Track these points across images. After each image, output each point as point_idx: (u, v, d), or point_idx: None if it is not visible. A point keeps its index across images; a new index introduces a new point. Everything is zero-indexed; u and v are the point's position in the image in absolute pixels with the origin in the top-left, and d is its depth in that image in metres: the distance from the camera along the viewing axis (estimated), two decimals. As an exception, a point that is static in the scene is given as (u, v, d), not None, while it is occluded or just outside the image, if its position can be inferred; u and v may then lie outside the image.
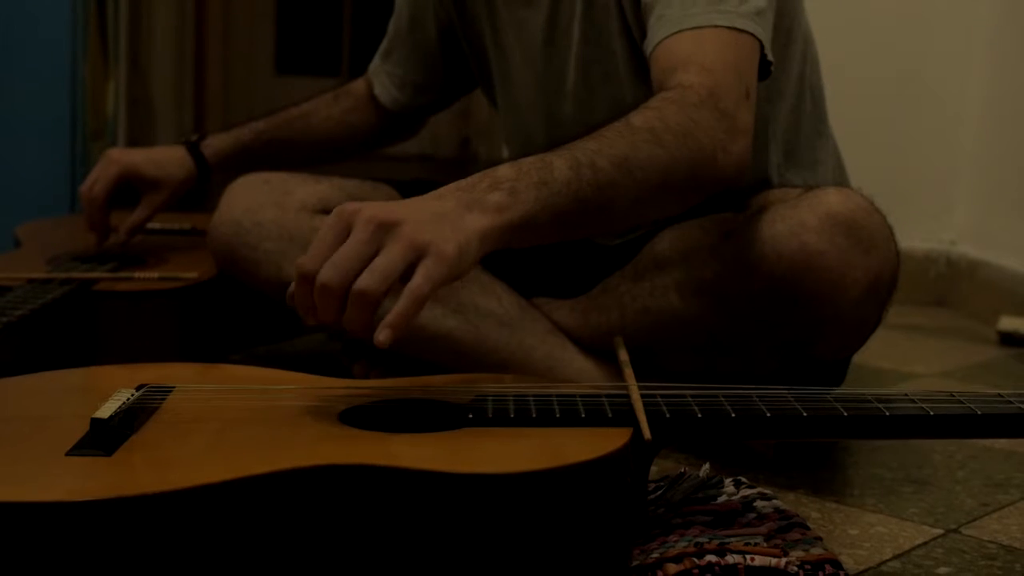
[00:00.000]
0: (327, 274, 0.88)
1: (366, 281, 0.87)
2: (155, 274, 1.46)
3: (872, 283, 1.15)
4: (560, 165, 0.99)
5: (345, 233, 0.90)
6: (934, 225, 2.46)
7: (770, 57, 1.18)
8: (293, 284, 0.92)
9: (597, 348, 1.33)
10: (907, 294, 2.32)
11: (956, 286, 2.43)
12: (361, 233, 0.89)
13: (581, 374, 1.31)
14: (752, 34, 1.15)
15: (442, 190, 0.96)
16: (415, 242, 0.89)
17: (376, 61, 1.61)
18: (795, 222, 1.14)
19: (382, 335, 0.87)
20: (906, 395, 0.95)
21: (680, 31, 1.15)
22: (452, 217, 0.92)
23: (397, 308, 0.88)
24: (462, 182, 0.96)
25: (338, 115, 1.61)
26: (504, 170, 0.98)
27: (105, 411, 0.86)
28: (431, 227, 0.90)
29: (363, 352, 1.48)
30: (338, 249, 0.89)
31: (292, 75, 3.24)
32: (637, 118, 1.06)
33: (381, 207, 0.91)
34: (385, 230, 0.89)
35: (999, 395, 0.94)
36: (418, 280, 0.88)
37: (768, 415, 0.91)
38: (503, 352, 1.34)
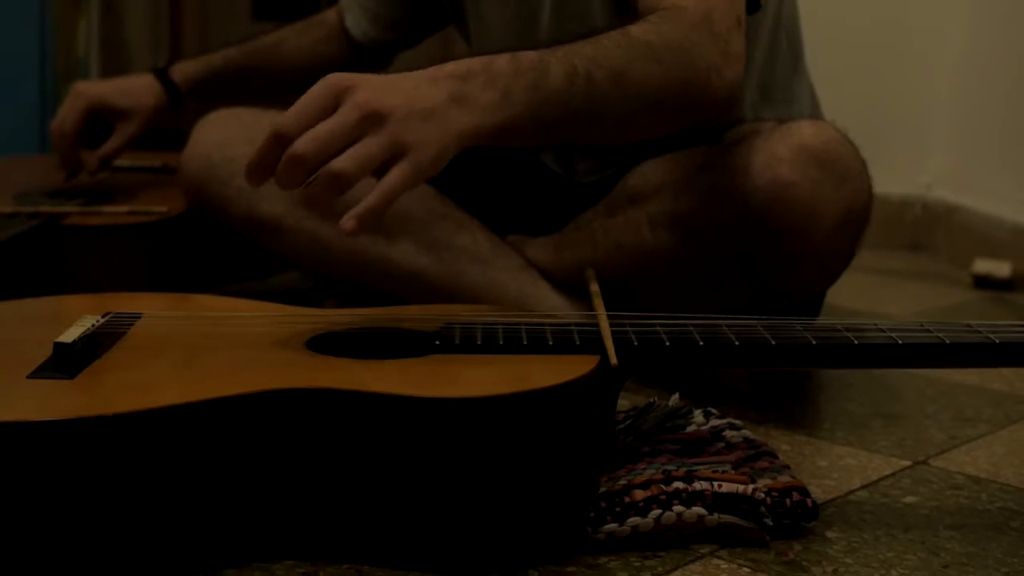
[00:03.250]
0: (306, 145, 0.87)
1: (343, 163, 0.87)
2: (124, 209, 1.44)
3: (845, 215, 1.15)
4: (557, 71, 0.98)
5: (331, 108, 0.89)
6: (911, 170, 2.45)
7: None
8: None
9: (570, 285, 1.32)
10: (883, 238, 2.34)
11: (932, 230, 2.43)
12: (348, 115, 0.89)
13: (554, 310, 1.31)
14: None
15: (437, 71, 0.94)
16: (399, 141, 0.89)
17: None
18: (768, 154, 1.14)
19: (349, 223, 0.87)
20: (876, 324, 0.95)
21: None
22: (440, 113, 0.91)
23: (368, 202, 0.88)
24: (459, 67, 0.95)
25: (308, 45, 1.59)
26: (502, 64, 0.96)
27: (68, 336, 0.86)
28: (417, 126, 0.90)
29: (335, 289, 1.47)
30: (320, 123, 0.88)
31: (269, 20, 3.20)
32: (636, 28, 1.04)
33: (374, 92, 0.90)
34: (372, 120, 0.89)
35: (968, 325, 0.94)
36: (392, 179, 0.88)
37: (737, 343, 0.91)
38: (476, 289, 1.33)
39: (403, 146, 0.89)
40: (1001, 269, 2.02)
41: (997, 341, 0.91)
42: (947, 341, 0.91)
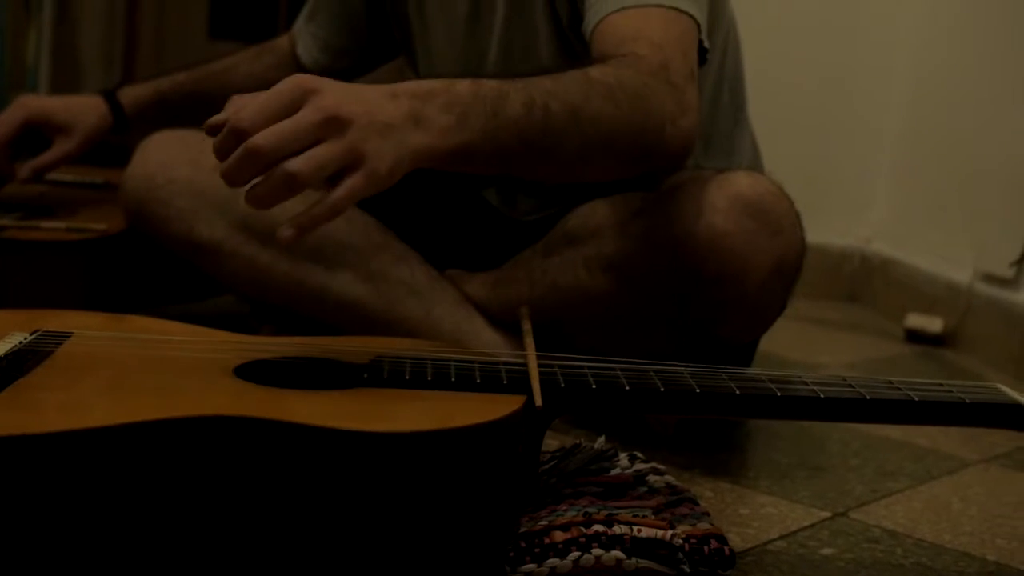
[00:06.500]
0: (265, 138, 0.85)
1: (299, 164, 0.85)
2: (62, 225, 1.43)
3: (777, 266, 1.16)
4: (515, 100, 0.98)
5: (294, 108, 0.88)
6: (851, 222, 2.50)
7: (706, 44, 1.18)
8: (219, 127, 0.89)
9: (506, 321, 1.33)
10: (821, 289, 2.38)
11: (869, 283, 2.47)
12: (310, 116, 0.87)
13: (488, 347, 1.31)
14: (693, 17, 1.16)
15: (399, 88, 0.94)
16: (356, 149, 0.88)
17: (300, 20, 1.60)
18: (704, 203, 1.15)
19: (287, 231, 0.86)
20: (800, 377, 0.96)
21: (625, 8, 1.15)
22: (398, 130, 0.91)
23: (312, 211, 0.87)
24: (421, 86, 0.95)
25: (259, 72, 1.59)
26: (462, 88, 0.96)
27: (-7, 352, 0.85)
28: (376, 139, 0.89)
29: (272, 316, 1.47)
30: (281, 121, 0.87)
31: (225, 40, 3.20)
32: (595, 70, 1.05)
33: (337, 97, 0.89)
34: (333, 125, 0.87)
35: (889, 382, 0.96)
36: (341, 192, 0.87)
37: (662, 390, 0.92)
38: (412, 321, 1.34)
39: (360, 155, 0.88)
40: (933, 324, 2.05)
41: (916, 399, 0.93)
42: (868, 397, 0.93)
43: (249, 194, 0.87)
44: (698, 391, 0.92)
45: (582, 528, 0.89)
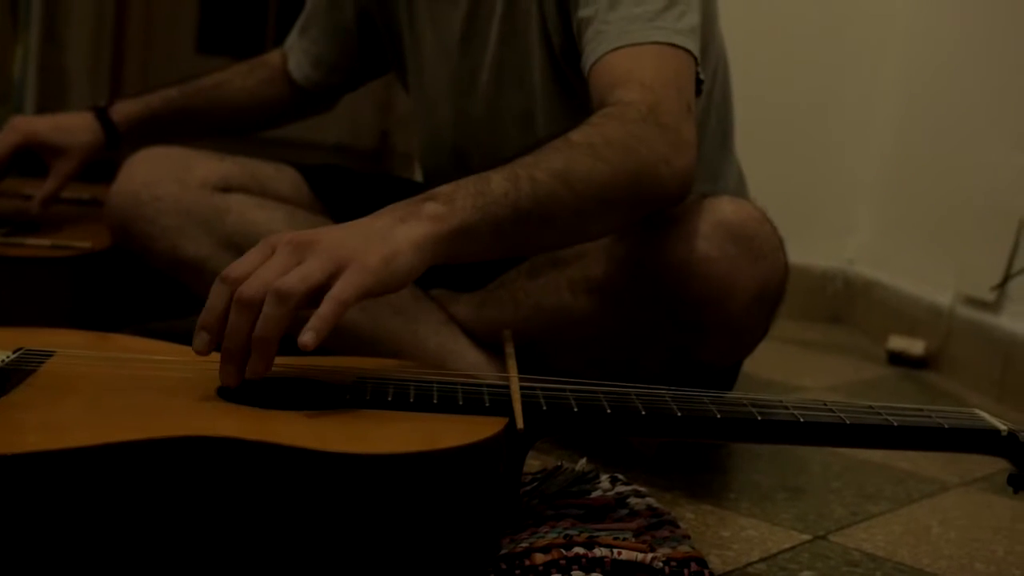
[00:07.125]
0: (245, 287, 0.87)
1: (284, 279, 0.87)
2: (47, 242, 1.43)
3: (759, 291, 1.17)
4: (498, 178, 1.00)
5: (269, 256, 0.90)
6: (835, 244, 2.51)
7: (702, 76, 1.19)
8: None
9: (491, 342, 1.33)
10: (804, 310, 2.39)
11: (851, 304, 2.48)
12: (282, 249, 0.89)
13: (473, 367, 1.32)
14: (689, 51, 1.17)
15: (380, 211, 0.96)
16: (335, 255, 0.89)
17: (292, 36, 1.60)
18: (687, 228, 1.16)
19: (306, 336, 0.86)
20: (781, 402, 0.97)
21: (619, 48, 1.16)
22: (382, 231, 0.92)
23: (319, 311, 0.87)
24: (400, 202, 0.97)
25: (251, 87, 1.60)
26: (443, 186, 0.98)
27: (-25, 371, 0.85)
28: (354, 242, 0.90)
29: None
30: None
31: (213, 55, 3.21)
32: (576, 134, 1.06)
33: (305, 233, 0.91)
34: (305, 247, 0.89)
35: (870, 407, 0.97)
36: (339, 286, 0.88)
37: (643, 413, 0.92)
38: (396, 341, 1.34)
39: (341, 259, 0.89)
40: (915, 347, 2.06)
41: (895, 424, 0.93)
42: (847, 422, 0.93)
43: (256, 333, 0.87)
44: (679, 415, 0.93)
45: (563, 550, 0.90)
